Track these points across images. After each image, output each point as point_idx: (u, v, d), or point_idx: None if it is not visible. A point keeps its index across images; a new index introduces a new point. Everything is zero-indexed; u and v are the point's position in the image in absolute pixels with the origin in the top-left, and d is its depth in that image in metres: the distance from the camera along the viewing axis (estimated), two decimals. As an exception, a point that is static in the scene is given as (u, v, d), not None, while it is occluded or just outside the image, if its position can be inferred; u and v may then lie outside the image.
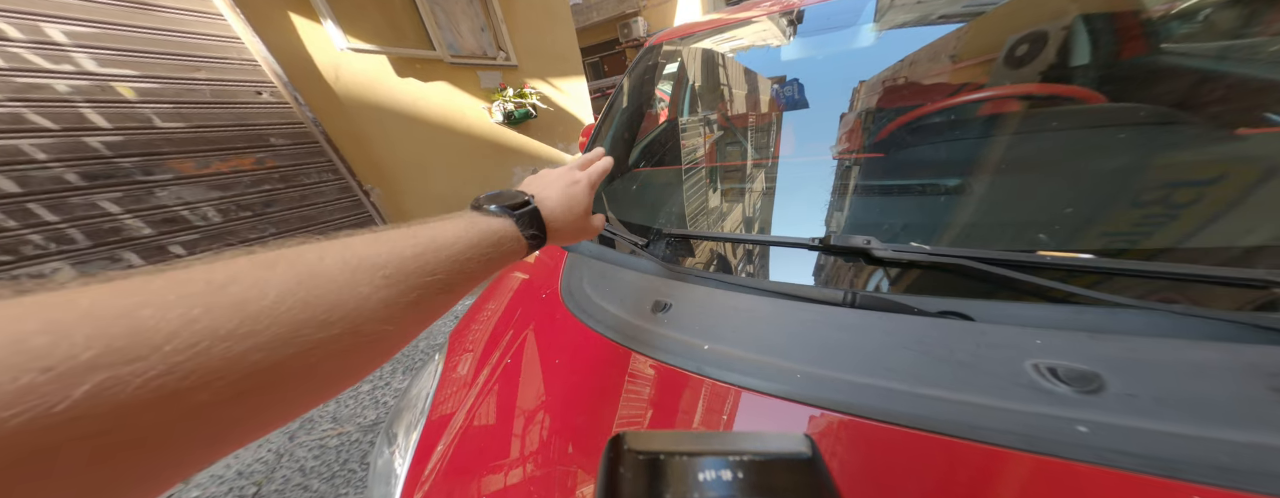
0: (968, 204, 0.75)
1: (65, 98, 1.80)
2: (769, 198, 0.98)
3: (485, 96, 3.87)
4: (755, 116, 1.23)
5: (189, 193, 2.14)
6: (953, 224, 0.73)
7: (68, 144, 1.81)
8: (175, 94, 2.09)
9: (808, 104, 1.10)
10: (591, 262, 1.00)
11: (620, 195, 1.31)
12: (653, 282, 0.84)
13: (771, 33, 1.31)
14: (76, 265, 1.85)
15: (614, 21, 9.93)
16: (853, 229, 0.79)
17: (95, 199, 1.89)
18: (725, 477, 0.20)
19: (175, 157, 2.09)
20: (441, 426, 0.80)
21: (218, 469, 1.96)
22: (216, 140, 2.23)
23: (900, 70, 0.98)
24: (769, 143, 1.13)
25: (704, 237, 0.92)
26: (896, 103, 0.94)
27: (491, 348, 0.91)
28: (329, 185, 2.74)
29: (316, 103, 2.63)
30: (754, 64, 1.28)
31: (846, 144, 0.95)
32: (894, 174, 0.86)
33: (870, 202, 0.84)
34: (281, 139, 2.50)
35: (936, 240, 0.68)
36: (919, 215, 0.77)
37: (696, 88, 1.45)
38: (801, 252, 0.75)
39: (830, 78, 1.10)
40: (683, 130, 1.40)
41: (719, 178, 1.16)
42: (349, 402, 2.37)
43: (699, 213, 1.06)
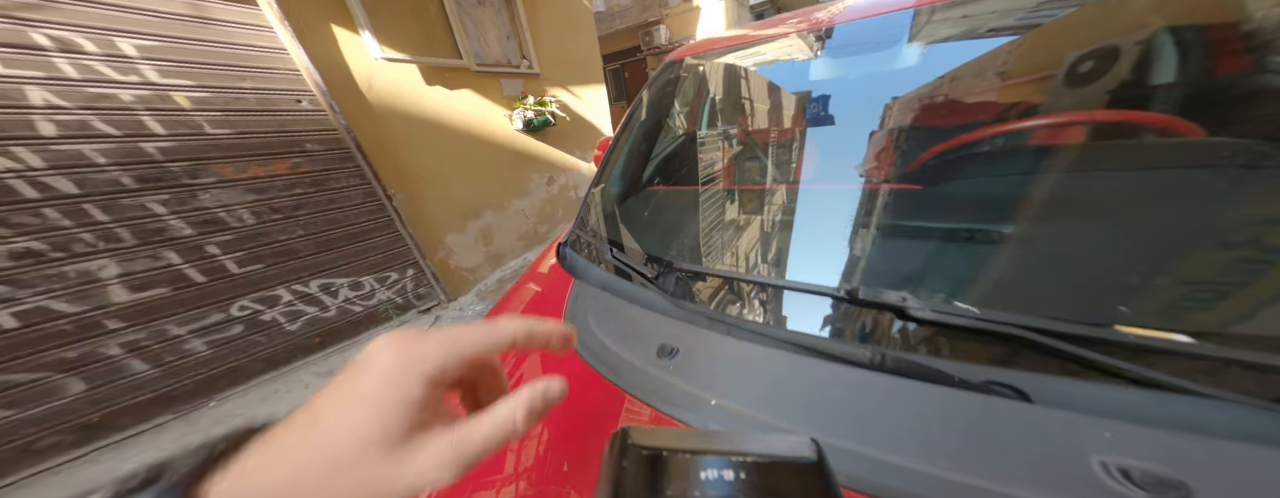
0: (1024, 257, 0.65)
1: (128, 106, 2.00)
2: (791, 233, 0.93)
3: (507, 104, 4.05)
4: (779, 138, 1.19)
5: (227, 196, 2.33)
6: (1004, 281, 0.63)
7: (126, 149, 2.01)
8: (224, 102, 2.29)
9: (834, 123, 1.04)
10: (598, 292, 0.97)
11: (633, 216, 1.28)
12: (660, 322, 0.80)
13: (799, 49, 1.24)
14: (121, 263, 2.04)
15: (636, 29, 10.06)
16: (885, 276, 0.73)
17: (144, 201, 2.08)
18: (727, 477, 0.20)
19: (218, 161, 2.28)
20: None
21: None
22: (256, 146, 2.42)
23: (939, 87, 0.88)
24: (793, 167, 1.07)
25: (718, 274, 0.87)
26: (936, 122, 0.87)
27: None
28: (355, 190, 2.92)
29: (350, 110, 2.81)
30: (780, 81, 1.23)
31: (878, 170, 0.88)
32: (934, 213, 0.78)
33: (906, 245, 0.77)
34: (315, 145, 2.69)
35: (985, 300, 0.61)
36: (963, 266, 0.69)
37: (717, 105, 1.41)
38: (825, 299, 0.69)
39: (861, 97, 1.03)
40: (702, 148, 1.37)
41: (737, 206, 1.12)
42: None
43: (714, 245, 1.02)
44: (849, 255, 0.79)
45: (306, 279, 2.73)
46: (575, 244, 1.26)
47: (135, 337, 2.10)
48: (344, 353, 2.95)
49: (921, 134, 0.88)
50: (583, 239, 1.26)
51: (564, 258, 1.24)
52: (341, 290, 2.93)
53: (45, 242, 1.86)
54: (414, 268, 3.38)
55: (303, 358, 2.78)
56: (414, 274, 3.39)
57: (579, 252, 1.21)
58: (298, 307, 2.71)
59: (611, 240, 1.15)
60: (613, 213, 1.34)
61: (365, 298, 3.09)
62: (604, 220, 1.30)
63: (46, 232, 1.86)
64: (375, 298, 3.15)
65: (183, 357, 2.26)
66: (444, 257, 3.60)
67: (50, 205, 1.85)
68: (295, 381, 2.67)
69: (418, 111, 3.27)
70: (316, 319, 2.82)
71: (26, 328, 1.84)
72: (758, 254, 0.94)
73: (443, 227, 3.58)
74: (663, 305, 0.83)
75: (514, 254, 4.43)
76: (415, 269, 3.39)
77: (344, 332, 2.98)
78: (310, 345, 2.81)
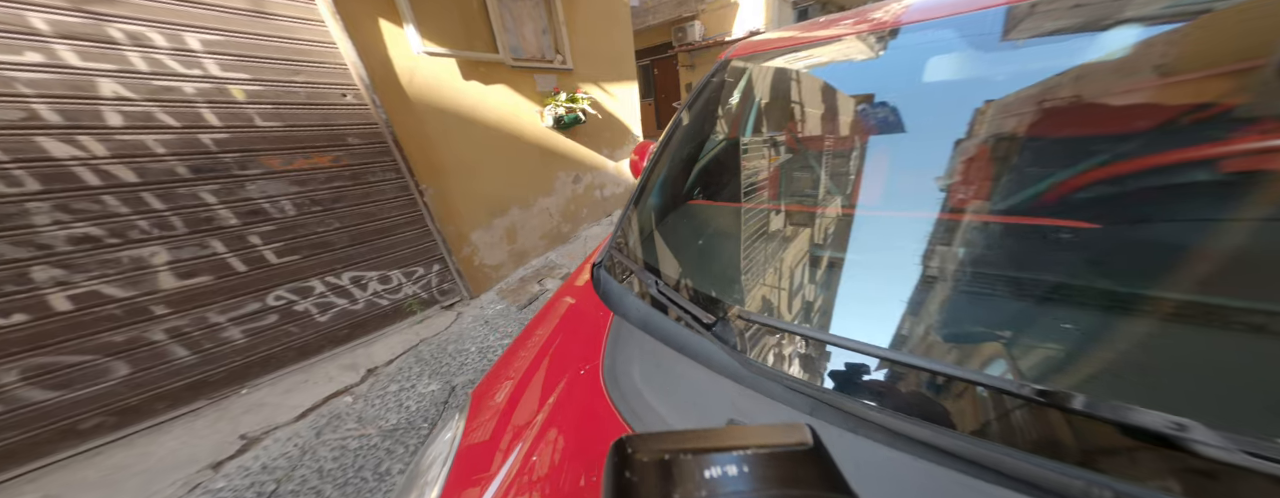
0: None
1: (189, 99, 2.07)
2: (929, 287, 0.69)
3: (539, 100, 4.09)
4: (883, 158, 0.95)
5: (272, 187, 2.40)
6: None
7: (184, 140, 2.08)
8: (275, 96, 2.35)
9: (968, 138, 0.81)
10: (642, 337, 0.85)
11: (677, 236, 1.13)
12: (723, 388, 0.68)
13: (869, 51, 1.06)
14: (171, 250, 2.12)
15: (669, 25, 9.93)
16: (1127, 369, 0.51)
17: (197, 190, 2.15)
18: (732, 472, 0.20)
19: (267, 153, 2.35)
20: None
21: (246, 461, 2.15)
22: (302, 139, 2.48)
23: (1060, 89, 0.70)
24: (916, 192, 0.84)
25: (804, 335, 0.69)
26: (1082, 130, 0.67)
27: (519, 428, 0.79)
28: (389, 184, 2.98)
29: (390, 104, 2.86)
30: (854, 86, 1.05)
31: (1008, 197, 0.70)
32: (1139, 272, 0.56)
33: (1109, 317, 0.56)
34: (356, 139, 2.74)
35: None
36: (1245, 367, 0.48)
37: (783, 113, 1.23)
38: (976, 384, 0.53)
39: (967, 105, 0.82)
40: (781, 166, 1.16)
41: (832, 236, 0.91)
42: (376, 402, 2.58)
43: (788, 285, 0.84)
44: (1017, 325, 0.59)
45: (339, 271, 2.80)
46: (610, 266, 1.14)
47: (178, 323, 2.18)
48: (368, 346, 3.03)
49: (1061, 148, 0.69)
50: (619, 262, 1.12)
51: (598, 281, 1.12)
52: (371, 283, 3.00)
53: (103, 228, 1.93)
54: (439, 263, 3.44)
55: (331, 349, 2.85)
56: (439, 269, 3.46)
57: (615, 274, 1.09)
58: (329, 298, 2.79)
59: (656, 268, 1.01)
60: (658, 234, 1.17)
61: (392, 292, 3.16)
62: (645, 242, 1.16)
63: (105, 218, 1.93)
64: (401, 292, 3.22)
65: (220, 344, 2.34)
66: (469, 253, 3.67)
67: (110, 193, 1.93)
68: (320, 373, 2.74)
69: (453, 106, 3.32)
70: (345, 311, 2.89)
71: (80, 311, 1.92)
72: (862, 304, 0.74)
73: (469, 223, 3.64)
74: (724, 363, 0.71)
75: (536, 253, 4.49)
76: (440, 264, 3.45)
77: (370, 324, 3.06)
78: (339, 337, 2.89)
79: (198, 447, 2.15)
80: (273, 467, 2.12)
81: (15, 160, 1.72)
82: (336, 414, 2.49)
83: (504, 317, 3.48)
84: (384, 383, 2.78)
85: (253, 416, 2.38)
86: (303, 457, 2.18)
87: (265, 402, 2.49)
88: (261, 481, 2.04)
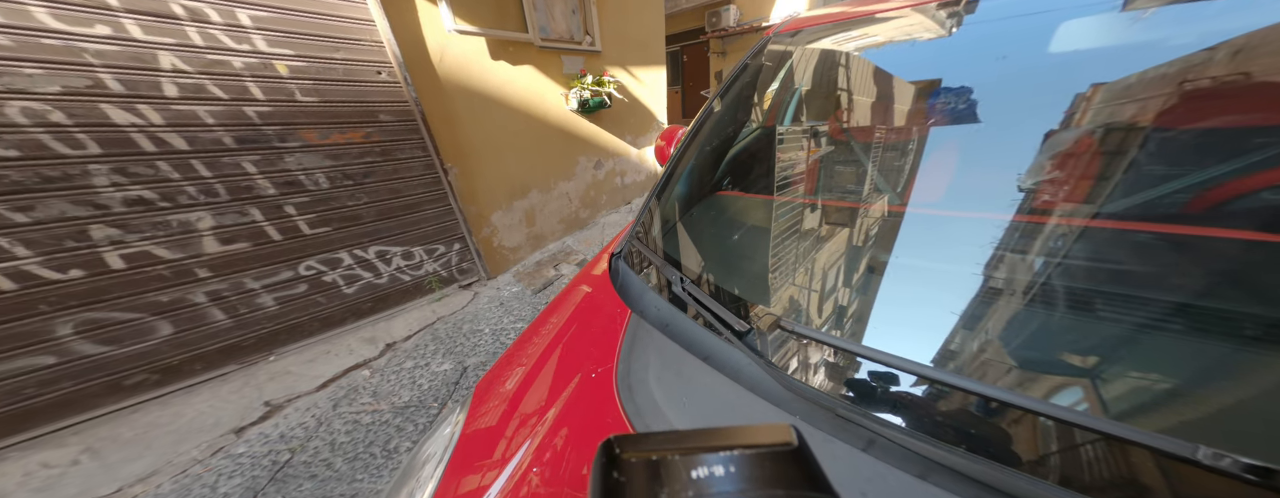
0: None
1: (237, 73, 2.21)
2: (1035, 307, 0.59)
3: (565, 82, 4.16)
4: (953, 146, 0.81)
5: (308, 160, 2.54)
6: None
7: (231, 112, 2.23)
8: (316, 71, 2.48)
9: (1059, 135, 0.68)
10: (661, 340, 0.78)
11: (714, 229, 1.06)
12: (755, 407, 0.61)
13: (938, 26, 0.93)
14: (215, 216, 2.28)
15: (703, 9, 9.55)
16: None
17: (241, 160, 2.30)
18: (717, 472, 0.20)
19: (305, 127, 2.49)
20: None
21: (267, 428, 2.25)
22: (338, 114, 2.62)
23: (1208, 65, 0.56)
24: (1006, 191, 0.69)
25: (868, 355, 0.60)
26: (1224, 119, 0.55)
27: (523, 430, 0.74)
28: (416, 162, 3.11)
29: (420, 83, 2.98)
30: (922, 67, 0.91)
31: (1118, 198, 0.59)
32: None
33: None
34: (388, 116, 2.87)
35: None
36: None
37: (834, 97, 1.09)
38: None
39: (1056, 91, 0.69)
40: (822, 158, 1.05)
41: (890, 237, 0.78)
42: (391, 377, 2.69)
43: (845, 294, 0.74)
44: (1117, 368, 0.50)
45: (366, 245, 2.96)
46: (630, 258, 1.07)
47: (218, 287, 2.35)
48: (389, 320, 3.19)
49: (1208, 142, 0.56)
50: (640, 253, 1.05)
51: (616, 273, 1.05)
52: (395, 258, 3.16)
53: (155, 191, 2.09)
54: (460, 243, 3.58)
55: (354, 321, 3.02)
56: (460, 249, 3.60)
57: (635, 267, 1.02)
58: (356, 271, 2.94)
59: (680, 263, 0.93)
60: (685, 226, 1.09)
61: (414, 268, 3.31)
62: (670, 234, 1.08)
63: (157, 182, 2.09)
64: (423, 269, 3.37)
65: (254, 310, 2.51)
66: (488, 234, 3.81)
67: (163, 159, 2.08)
68: (342, 344, 2.90)
69: (480, 86, 3.42)
70: (370, 284, 3.05)
71: (131, 269, 2.08)
72: (947, 332, 0.61)
73: (490, 204, 3.77)
74: (753, 376, 0.64)
75: (554, 237, 4.62)
76: (461, 244, 3.59)
77: (391, 299, 3.22)
78: (362, 310, 3.05)
79: (224, 410, 2.31)
80: (289, 436, 2.21)
81: (79, 124, 1.87)
82: (354, 387, 2.59)
83: (519, 300, 3.60)
84: (401, 359, 2.90)
85: (277, 383, 2.53)
86: (318, 428, 2.27)
87: (289, 370, 2.65)
88: (278, 450, 2.13)
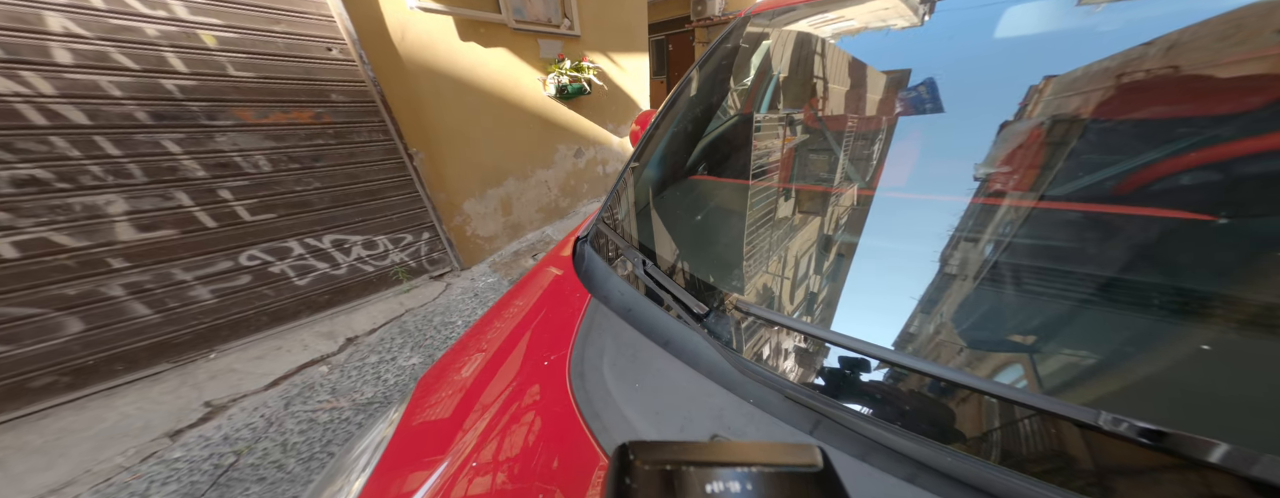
0: None
1: (151, 41, 1.93)
2: (988, 288, 0.56)
3: (542, 67, 3.90)
4: (929, 132, 0.77)
5: (245, 140, 2.27)
6: None
7: (144, 84, 1.94)
8: (252, 44, 2.21)
9: (1019, 120, 0.65)
10: (619, 326, 0.74)
11: (674, 213, 1.02)
12: (711, 395, 0.58)
13: (910, 14, 0.90)
14: (129, 200, 2.00)
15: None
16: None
17: (159, 138, 2.02)
18: (734, 489, 0.20)
19: (240, 104, 2.22)
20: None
21: (207, 430, 2.06)
22: (280, 92, 2.35)
23: (1144, 60, 0.55)
24: (961, 175, 0.68)
25: (818, 336, 0.57)
26: (1157, 110, 0.54)
27: (464, 424, 0.70)
28: (376, 146, 2.85)
29: (379, 62, 2.71)
30: (890, 53, 0.87)
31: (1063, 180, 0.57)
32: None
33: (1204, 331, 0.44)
34: (341, 96, 2.61)
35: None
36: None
37: (806, 81, 1.04)
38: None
39: (1020, 76, 0.67)
40: (798, 146, 1.00)
41: (849, 219, 0.76)
42: (352, 373, 2.48)
43: (803, 277, 0.71)
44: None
45: (320, 234, 2.69)
46: (596, 242, 1.03)
47: (138, 278, 2.08)
48: (349, 314, 2.93)
49: (1132, 127, 0.56)
50: (606, 238, 1.02)
51: (579, 257, 1.02)
52: (354, 248, 2.89)
53: (51, 171, 1.81)
54: (429, 231, 3.32)
55: (309, 315, 2.76)
56: (429, 238, 3.34)
57: (599, 251, 0.99)
58: (308, 261, 2.68)
59: (645, 247, 0.90)
60: (652, 209, 1.05)
61: (378, 258, 3.05)
62: (635, 218, 1.04)
63: (52, 161, 1.81)
64: (388, 259, 3.11)
65: (186, 303, 2.24)
66: (460, 223, 3.54)
67: (58, 134, 1.80)
68: (296, 340, 2.65)
69: (448, 68, 3.15)
70: (326, 276, 2.79)
71: (26, 259, 1.81)
72: (901, 309, 0.59)
73: (462, 191, 3.51)
74: (716, 365, 0.60)
75: (533, 226, 4.36)
76: (431, 233, 3.33)
77: (352, 291, 2.95)
78: (318, 303, 2.79)
79: (155, 413, 2.06)
80: (235, 438, 2.04)
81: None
82: (309, 384, 2.40)
83: (494, 291, 3.37)
84: (363, 354, 2.70)
85: (219, 382, 2.29)
86: (268, 429, 2.10)
87: (234, 368, 2.40)
88: (221, 452, 1.96)
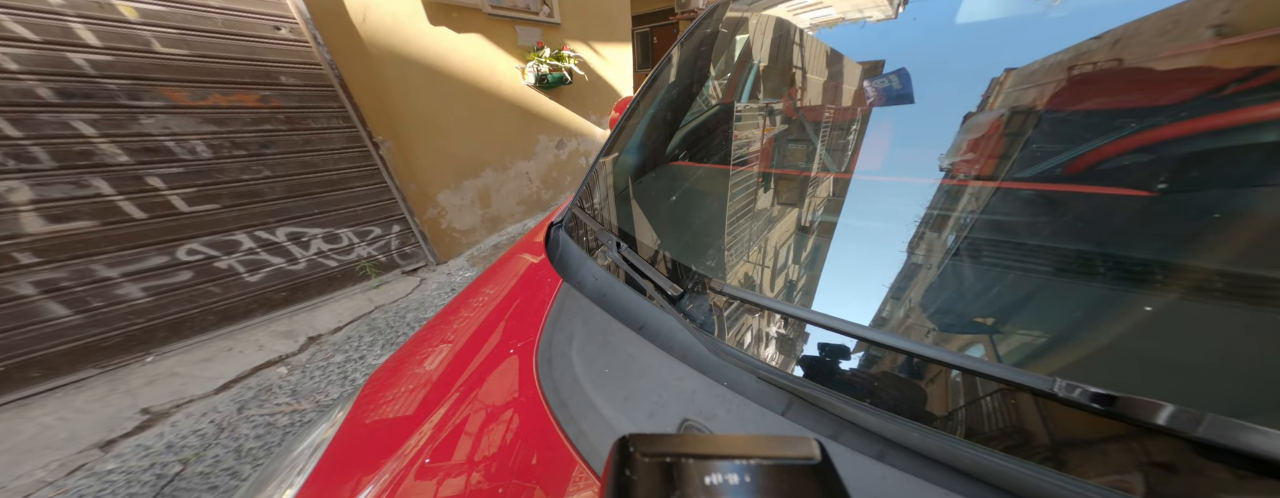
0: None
1: (55, 10, 1.70)
2: (963, 263, 0.55)
3: (520, 55, 3.70)
4: (887, 125, 0.77)
5: (178, 124, 2.05)
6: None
7: (47, 58, 1.71)
8: (182, 19, 1.98)
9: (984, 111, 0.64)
10: (589, 311, 0.73)
11: (651, 196, 0.99)
12: (681, 376, 0.56)
13: (886, 4, 0.88)
14: (35, 187, 1.77)
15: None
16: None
17: (68, 118, 1.79)
18: (733, 481, 0.19)
19: (169, 84, 1.99)
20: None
21: (147, 439, 1.87)
22: (219, 72, 2.13)
23: (1091, 55, 0.55)
24: (927, 159, 0.67)
25: (784, 311, 0.55)
26: (1103, 101, 0.54)
27: (422, 412, 0.67)
28: (336, 133, 2.63)
29: (337, 44, 2.50)
30: (866, 46, 0.84)
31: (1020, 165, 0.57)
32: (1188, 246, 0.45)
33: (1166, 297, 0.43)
34: (293, 79, 2.39)
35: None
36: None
37: (784, 67, 1.01)
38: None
39: (984, 69, 0.65)
40: (775, 131, 0.97)
41: (814, 206, 0.73)
42: (315, 374, 2.31)
43: (777, 257, 0.68)
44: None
45: (272, 226, 2.47)
46: (572, 227, 1.01)
47: (52, 276, 1.85)
48: (311, 311, 2.71)
49: (1080, 117, 0.56)
50: (581, 223, 0.99)
51: (553, 243, 1.00)
52: (314, 242, 2.67)
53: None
54: (401, 224, 3.11)
55: (264, 314, 2.53)
56: (400, 231, 3.12)
57: (576, 237, 0.96)
58: (261, 256, 2.46)
59: (620, 230, 0.88)
60: (625, 194, 1.02)
61: (342, 252, 2.83)
62: (612, 202, 1.01)
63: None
64: (353, 253, 2.89)
65: (113, 303, 2.01)
66: (435, 215, 3.32)
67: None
68: (249, 340, 2.43)
69: (416, 53, 2.94)
70: (282, 271, 2.56)
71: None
72: (873, 285, 0.57)
73: (435, 183, 3.28)
74: (690, 348, 0.58)
75: (513, 219, 4.15)
76: (402, 226, 3.12)
77: (314, 287, 2.73)
78: (274, 300, 2.57)
79: (81, 423, 1.85)
80: (180, 445, 1.84)
81: None
82: (266, 387, 2.21)
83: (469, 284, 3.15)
84: (328, 353, 2.49)
85: (158, 387, 2.08)
86: (219, 435, 1.91)
87: (176, 371, 2.18)
88: (164, 461, 1.77)
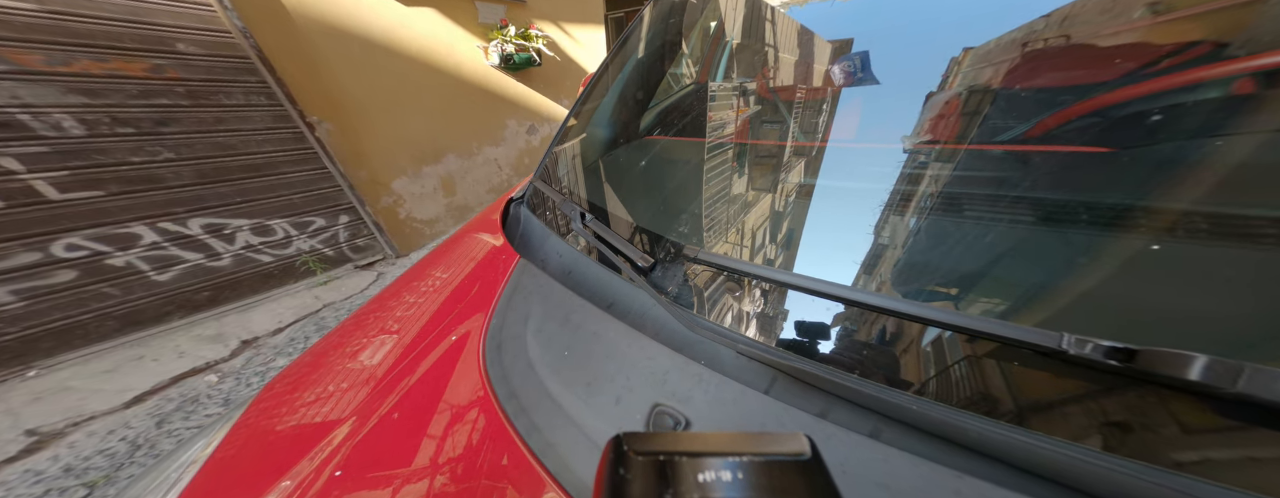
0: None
1: None
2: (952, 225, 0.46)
3: (482, 34, 3.24)
4: (852, 96, 0.67)
5: (32, 93, 1.60)
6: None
7: None
8: (21, -37, 1.53)
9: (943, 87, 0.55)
10: (549, 288, 0.63)
11: (622, 172, 0.88)
12: (652, 356, 0.47)
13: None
14: None
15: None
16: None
17: None
18: (726, 478, 0.18)
19: (13, 45, 1.54)
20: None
21: (38, 463, 1.51)
22: (89, 34, 1.68)
23: (1040, 32, 0.50)
24: (882, 131, 0.60)
25: (764, 277, 0.47)
26: (1053, 79, 0.47)
27: (325, 418, 0.56)
28: (259, 111, 2.19)
29: (250, 12, 2.06)
30: (834, 23, 0.73)
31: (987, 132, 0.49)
32: (1152, 195, 0.39)
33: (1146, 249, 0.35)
34: (194, 48, 1.94)
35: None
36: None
37: (754, 32, 0.90)
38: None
39: (945, 47, 0.57)
40: (747, 99, 0.86)
41: (791, 170, 0.64)
42: (252, 380, 1.92)
43: (743, 223, 0.59)
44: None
45: (182, 217, 2.02)
46: (533, 202, 0.91)
47: None
48: (245, 312, 2.27)
49: (1030, 93, 0.47)
50: (544, 196, 0.90)
51: (511, 219, 0.92)
52: (239, 234, 2.22)
53: None
54: (349, 215, 2.66)
55: (182, 317, 2.09)
56: (350, 222, 2.68)
57: (538, 212, 0.86)
58: (171, 251, 2.01)
59: (584, 200, 0.78)
60: (594, 164, 0.93)
61: (277, 246, 2.38)
62: (578, 173, 0.91)
63: None
64: (292, 247, 2.44)
65: (-38, 310, 1.58)
66: (391, 204, 2.87)
67: None
68: (164, 347, 2.00)
69: (358, 26, 2.49)
70: (202, 268, 2.12)
71: None
72: (856, 248, 0.46)
73: (389, 169, 2.84)
74: (663, 324, 0.49)
75: (482, 207, 3.69)
76: (351, 216, 2.67)
77: (245, 285, 2.29)
78: (195, 302, 2.12)
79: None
80: (83, 468, 1.51)
81: None
82: (192, 397, 1.82)
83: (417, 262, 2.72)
84: (267, 357, 2.09)
85: (47, 405, 1.66)
86: (135, 453, 1.57)
87: (70, 386, 1.76)
88: (65, 487, 1.45)
